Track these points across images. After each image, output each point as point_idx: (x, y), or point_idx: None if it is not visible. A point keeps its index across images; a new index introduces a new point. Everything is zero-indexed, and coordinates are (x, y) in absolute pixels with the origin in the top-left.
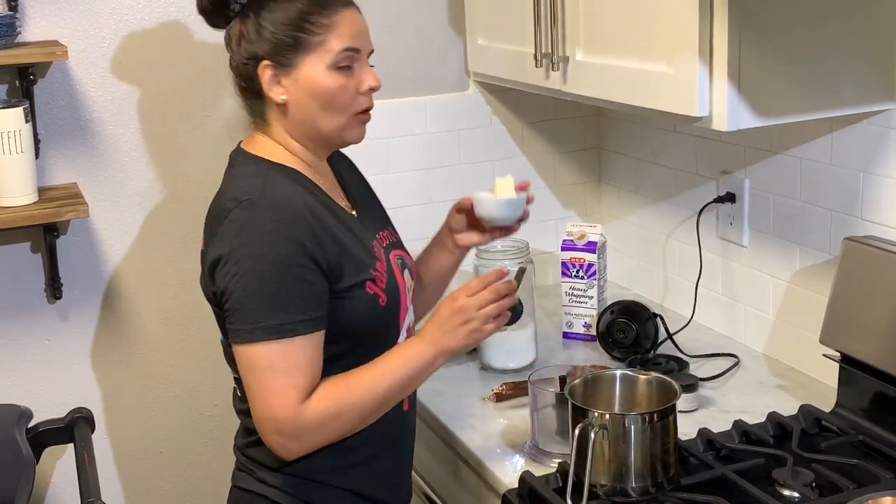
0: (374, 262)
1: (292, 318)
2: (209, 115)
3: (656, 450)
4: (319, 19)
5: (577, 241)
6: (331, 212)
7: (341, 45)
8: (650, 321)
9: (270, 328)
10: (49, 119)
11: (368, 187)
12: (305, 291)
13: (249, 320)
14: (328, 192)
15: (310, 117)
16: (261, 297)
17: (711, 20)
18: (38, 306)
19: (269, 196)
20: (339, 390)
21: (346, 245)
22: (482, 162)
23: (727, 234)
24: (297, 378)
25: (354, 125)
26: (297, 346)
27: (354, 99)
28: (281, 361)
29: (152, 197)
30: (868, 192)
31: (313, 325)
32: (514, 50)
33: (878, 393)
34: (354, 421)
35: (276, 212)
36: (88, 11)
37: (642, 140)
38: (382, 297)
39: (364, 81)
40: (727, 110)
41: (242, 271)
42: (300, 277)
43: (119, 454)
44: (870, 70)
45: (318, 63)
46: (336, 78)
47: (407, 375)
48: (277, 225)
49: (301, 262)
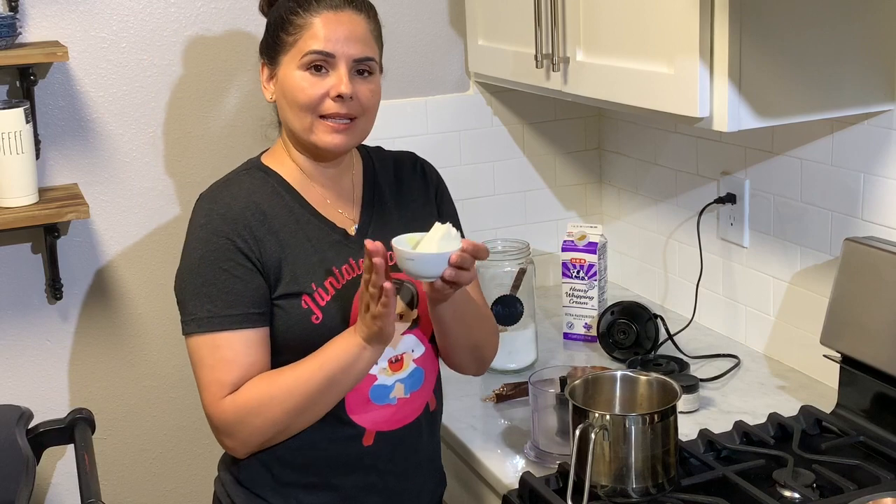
0: (324, 279)
1: (220, 312)
2: (210, 115)
3: (657, 451)
4: (297, 20)
5: (577, 242)
6: (294, 219)
7: (309, 46)
8: (651, 322)
9: (199, 320)
10: (50, 120)
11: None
12: (235, 287)
13: (185, 312)
14: (319, 203)
15: (285, 116)
16: (191, 290)
17: (712, 21)
18: (38, 307)
19: (214, 193)
20: (261, 384)
21: (290, 253)
22: (483, 162)
23: (728, 235)
24: (221, 373)
25: (321, 130)
26: (224, 341)
27: (321, 102)
28: (208, 355)
29: (153, 197)
30: (869, 192)
31: (244, 321)
32: (514, 51)
33: (879, 394)
34: (280, 415)
35: (212, 207)
36: (89, 12)
37: (643, 141)
38: (318, 314)
39: (333, 87)
40: (728, 111)
41: (181, 265)
42: (228, 272)
43: (120, 455)
44: (870, 71)
45: (291, 63)
46: (303, 78)
47: (333, 367)
48: (209, 219)
49: (231, 258)
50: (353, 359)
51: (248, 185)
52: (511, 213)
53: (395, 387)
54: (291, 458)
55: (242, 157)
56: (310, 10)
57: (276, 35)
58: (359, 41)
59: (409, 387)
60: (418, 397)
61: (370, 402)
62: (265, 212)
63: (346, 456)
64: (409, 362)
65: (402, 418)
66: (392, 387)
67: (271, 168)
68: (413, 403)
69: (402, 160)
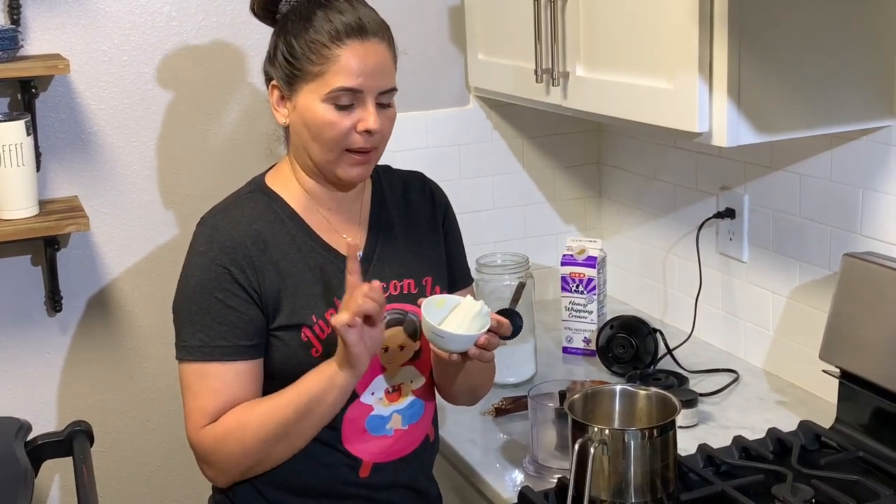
0: (325, 310)
1: (211, 343)
2: (210, 128)
3: (656, 465)
4: (322, 50)
5: (576, 256)
6: (296, 247)
7: (339, 82)
8: (650, 336)
9: (191, 348)
10: (50, 132)
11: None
12: (229, 318)
13: (178, 337)
14: (323, 228)
15: (303, 145)
16: (185, 316)
17: (711, 36)
18: (38, 319)
19: (216, 219)
20: (238, 412)
21: (291, 283)
22: (483, 177)
23: (727, 250)
24: (205, 401)
25: (346, 163)
26: (213, 371)
27: (347, 136)
28: (195, 383)
29: (153, 210)
30: (868, 208)
31: (234, 353)
32: (514, 65)
33: (878, 409)
34: (256, 443)
35: (212, 234)
36: (90, 25)
37: (642, 155)
38: (317, 347)
39: (362, 121)
40: (727, 126)
41: (178, 289)
42: (223, 303)
43: (118, 468)
44: (869, 87)
45: (314, 93)
46: (329, 112)
47: (310, 394)
48: (209, 247)
49: (226, 288)
50: (325, 385)
51: (251, 210)
52: (510, 227)
53: (392, 417)
54: (286, 482)
55: (242, 171)
56: (337, 42)
57: (296, 61)
58: (384, 73)
59: (408, 418)
60: (417, 429)
61: (366, 432)
62: (266, 240)
63: (342, 485)
64: (407, 393)
65: (400, 450)
66: (389, 417)
67: (275, 191)
68: (411, 435)
69: (410, 181)
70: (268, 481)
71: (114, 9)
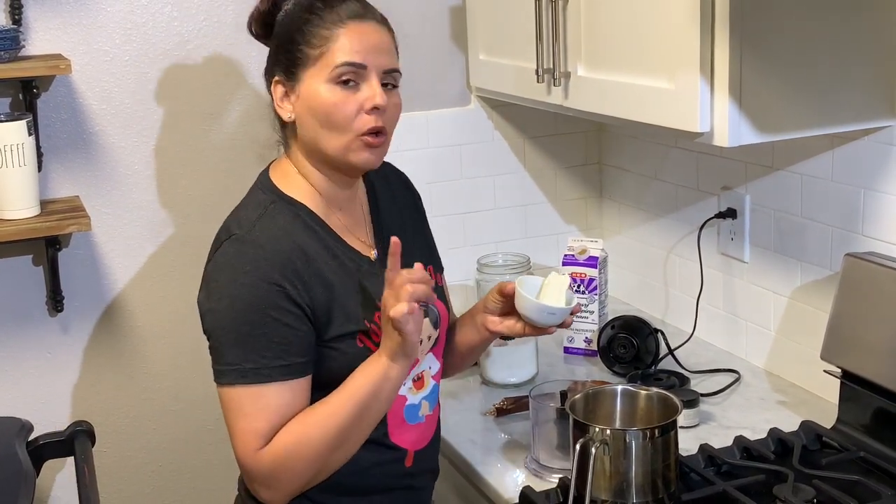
0: (374, 314)
1: (268, 364)
2: (211, 129)
3: (657, 465)
4: (320, 31)
5: (578, 256)
6: (331, 254)
7: (340, 58)
8: (651, 336)
9: (244, 371)
10: (52, 132)
11: (416, 222)
12: (284, 336)
13: (225, 361)
14: (341, 229)
15: (313, 136)
16: (234, 338)
17: (712, 36)
18: (39, 319)
19: (256, 234)
20: (294, 427)
21: (338, 292)
22: (484, 176)
23: (728, 250)
24: (261, 423)
25: (359, 147)
26: (271, 392)
27: (357, 117)
28: (249, 405)
29: (154, 210)
30: (869, 208)
31: (290, 372)
32: (515, 65)
33: (880, 409)
34: (318, 455)
35: (258, 252)
36: (92, 25)
37: (643, 155)
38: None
39: (368, 99)
40: (728, 126)
41: (220, 309)
42: (277, 321)
43: (119, 468)
44: (871, 87)
45: (317, 77)
46: (335, 92)
47: (363, 393)
48: (257, 265)
49: (279, 305)
50: (380, 380)
51: (283, 222)
52: (512, 227)
53: (422, 405)
54: (336, 486)
55: (243, 171)
56: (335, 22)
57: (294, 48)
58: (385, 52)
59: (432, 403)
60: (436, 412)
61: (405, 422)
62: (307, 252)
63: (391, 478)
64: (428, 379)
65: (429, 435)
66: (419, 405)
67: (295, 198)
68: (434, 419)
69: (388, 173)
70: (317, 488)
71: (115, 9)
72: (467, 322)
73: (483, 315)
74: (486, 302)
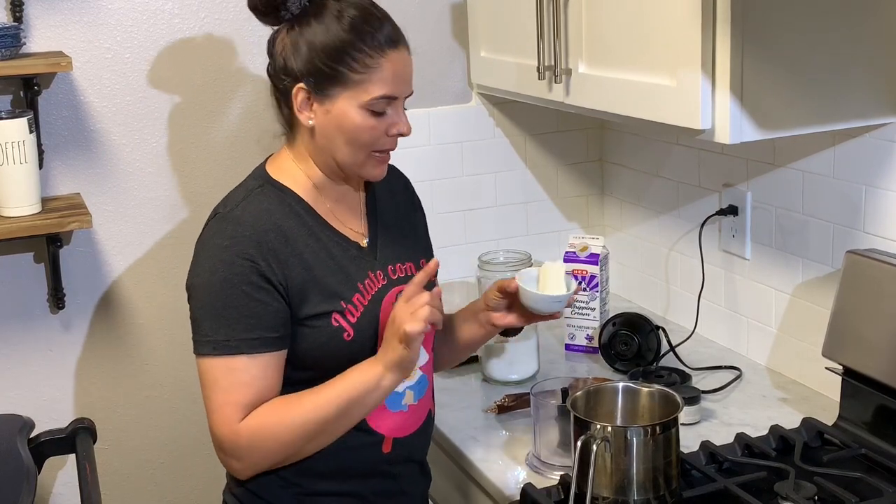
0: (352, 295)
1: (237, 336)
2: (213, 125)
3: (658, 462)
4: (364, 58)
5: (579, 253)
6: (314, 237)
7: (380, 91)
8: (652, 333)
9: (216, 343)
10: (53, 129)
11: (415, 219)
12: (255, 310)
13: (200, 333)
14: (328, 214)
15: (330, 147)
16: (209, 311)
17: (714, 33)
18: (40, 316)
19: (237, 212)
20: (277, 408)
21: (316, 272)
22: (485, 174)
23: (729, 247)
24: (237, 395)
25: (373, 163)
26: (241, 364)
27: (380, 139)
28: (223, 378)
29: (156, 207)
30: (870, 205)
31: (261, 345)
32: (517, 62)
33: (881, 406)
34: (292, 440)
35: (236, 228)
36: (93, 23)
37: (645, 152)
38: (349, 331)
39: (395, 125)
40: (730, 123)
41: (198, 284)
42: (249, 296)
43: (121, 465)
44: (872, 83)
45: (352, 100)
46: (367, 118)
47: (351, 394)
48: (234, 241)
49: (252, 281)
50: (372, 386)
51: (267, 204)
52: (513, 224)
53: (405, 394)
54: (312, 469)
55: (245, 167)
56: (377, 49)
57: (335, 65)
58: (410, 79)
59: (417, 393)
60: (424, 403)
61: (386, 409)
62: (286, 233)
63: (367, 463)
64: (416, 370)
65: (412, 424)
66: (403, 394)
67: (284, 184)
68: (420, 410)
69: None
70: (294, 469)
71: (116, 6)
72: (468, 318)
73: (486, 313)
74: (487, 300)
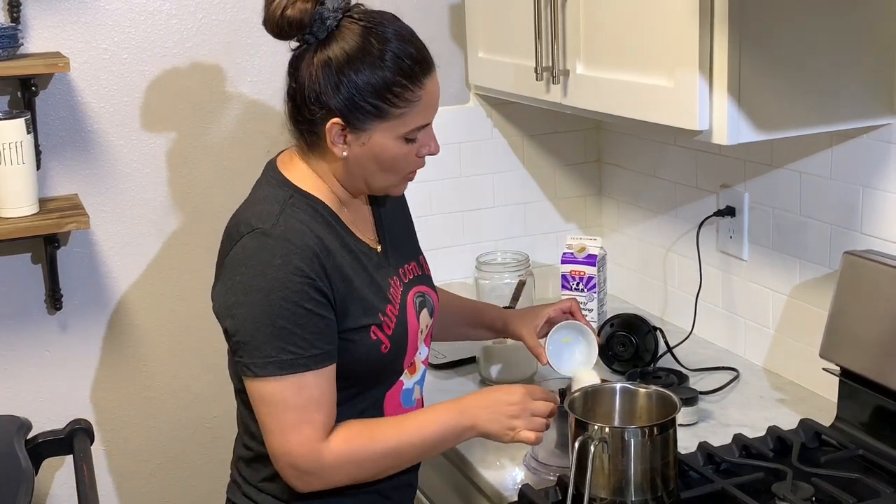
0: (385, 306)
1: (304, 353)
2: (210, 126)
3: (656, 463)
4: (405, 93)
5: (577, 254)
6: (347, 248)
7: (418, 122)
8: (650, 334)
9: (282, 363)
10: (50, 130)
11: (406, 216)
12: (315, 325)
13: (260, 355)
14: (351, 224)
15: (364, 174)
16: (269, 331)
17: (711, 34)
18: (38, 317)
19: (281, 228)
20: (363, 438)
21: (355, 285)
22: (483, 174)
23: (727, 248)
24: (312, 413)
25: (402, 183)
26: (310, 381)
27: (413, 163)
28: (294, 397)
29: (153, 208)
30: (868, 206)
31: (324, 359)
32: (514, 63)
33: (878, 407)
34: (372, 470)
35: (286, 245)
36: (91, 24)
37: (642, 153)
38: (386, 343)
39: (425, 146)
40: (727, 124)
41: (250, 303)
42: (310, 311)
43: (118, 465)
44: (870, 84)
45: (390, 131)
46: (403, 147)
47: (435, 439)
48: (287, 259)
49: (311, 297)
50: (453, 439)
51: (303, 216)
52: (511, 224)
53: (414, 389)
54: None
55: (242, 168)
56: (417, 84)
57: (375, 104)
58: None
59: (422, 387)
60: (422, 395)
61: (402, 407)
62: (328, 247)
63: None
64: (419, 364)
65: None
66: (412, 389)
67: (312, 194)
68: (421, 404)
69: None
70: None
71: (114, 7)
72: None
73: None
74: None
